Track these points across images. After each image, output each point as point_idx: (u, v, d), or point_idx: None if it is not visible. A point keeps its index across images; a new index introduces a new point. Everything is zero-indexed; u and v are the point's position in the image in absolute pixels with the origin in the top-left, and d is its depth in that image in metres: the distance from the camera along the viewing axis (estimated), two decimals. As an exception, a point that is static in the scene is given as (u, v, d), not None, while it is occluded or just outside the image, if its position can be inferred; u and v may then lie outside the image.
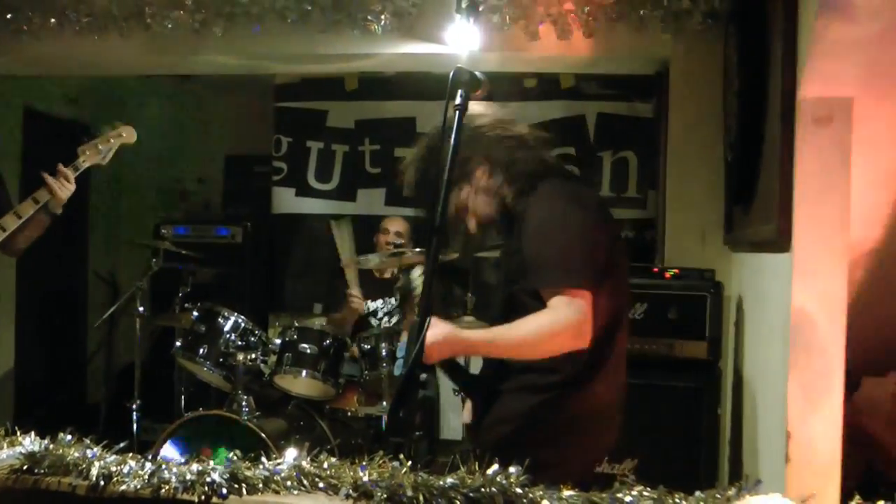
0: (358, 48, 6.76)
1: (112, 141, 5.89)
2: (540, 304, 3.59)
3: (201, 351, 6.36)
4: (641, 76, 7.41)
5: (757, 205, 4.85)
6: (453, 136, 3.42)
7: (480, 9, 6.03)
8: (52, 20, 6.74)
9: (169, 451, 5.84)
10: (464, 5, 5.87)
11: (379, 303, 7.44)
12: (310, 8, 6.50)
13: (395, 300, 7.13)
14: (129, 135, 5.96)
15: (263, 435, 5.78)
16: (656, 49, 6.48)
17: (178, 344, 6.53)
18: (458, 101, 3.48)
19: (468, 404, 4.16)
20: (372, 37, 6.52)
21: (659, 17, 6.17)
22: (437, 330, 3.51)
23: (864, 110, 3.84)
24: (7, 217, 5.60)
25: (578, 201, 3.79)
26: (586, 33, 6.27)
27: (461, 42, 6.35)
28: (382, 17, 6.39)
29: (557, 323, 3.51)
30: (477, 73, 3.54)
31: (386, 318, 7.34)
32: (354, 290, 7.33)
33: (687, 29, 6.17)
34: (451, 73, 3.49)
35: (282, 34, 6.72)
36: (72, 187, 5.73)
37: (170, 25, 6.62)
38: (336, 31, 6.58)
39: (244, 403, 6.08)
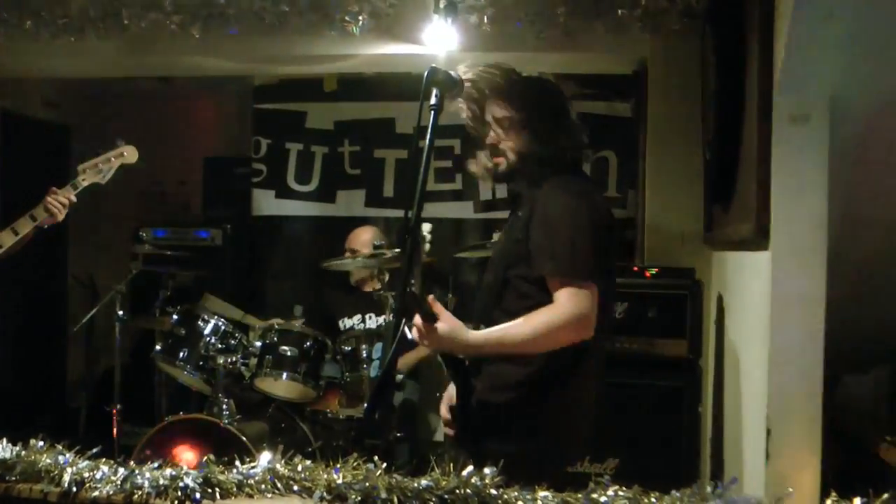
0: (336, 49, 6.75)
1: (113, 160, 5.85)
2: (538, 291, 3.68)
3: (181, 354, 6.34)
4: (620, 75, 7.40)
5: (735, 204, 4.85)
6: (429, 135, 3.42)
7: (458, 9, 6.01)
8: (28, 22, 6.69)
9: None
10: (442, 5, 5.85)
11: (356, 319, 7.39)
12: (287, 9, 6.47)
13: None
14: (130, 154, 5.92)
15: (244, 438, 5.77)
16: (634, 48, 6.49)
17: (157, 347, 6.49)
18: (433, 100, 3.48)
19: (447, 393, 4.15)
20: (350, 38, 6.50)
21: (637, 17, 6.16)
22: (446, 327, 3.56)
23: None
24: (4, 233, 5.57)
25: (592, 197, 3.87)
26: (564, 33, 6.26)
27: (439, 42, 6.35)
28: (360, 17, 6.36)
29: (565, 316, 3.57)
30: (452, 72, 3.55)
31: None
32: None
33: (665, 28, 6.16)
34: (426, 73, 3.48)
35: (259, 36, 6.69)
36: (66, 211, 5.71)
37: (146, 26, 6.59)
38: (314, 33, 6.56)
39: (225, 406, 6.06)
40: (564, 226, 3.67)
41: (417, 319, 3.59)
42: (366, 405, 5.94)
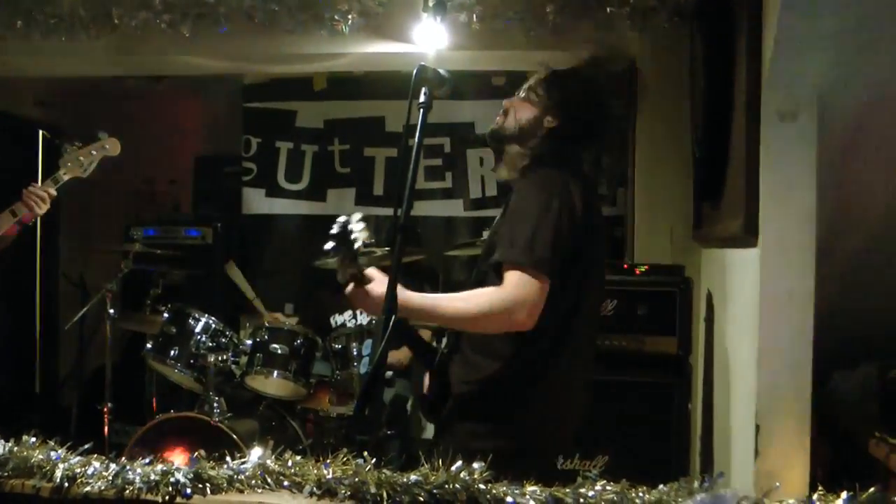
0: (326, 48, 6.75)
1: (95, 153, 5.81)
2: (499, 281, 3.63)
3: (172, 353, 6.34)
4: (609, 74, 7.41)
5: (725, 201, 4.86)
6: (418, 133, 3.43)
7: (447, 7, 6.01)
8: (19, 21, 6.69)
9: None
10: (431, 4, 5.86)
11: (347, 315, 7.40)
12: (277, 8, 6.47)
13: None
14: (112, 146, 5.89)
15: (235, 436, 5.78)
16: (623, 47, 6.48)
17: (148, 346, 6.47)
18: (422, 98, 3.49)
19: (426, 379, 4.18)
20: (339, 36, 6.50)
21: (626, 15, 6.16)
22: (378, 285, 3.57)
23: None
24: None
25: (567, 194, 3.76)
26: (553, 31, 6.26)
27: (429, 41, 6.36)
28: (350, 16, 6.37)
29: (505, 299, 3.54)
30: (441, 70, 3.55)
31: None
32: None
33: (654, 26, 6.17)
34: (415, 71, 3.50)
35: (249, 35, 6.69)
36: (47, 205, 5.68)
37: (136, 25, 6.59)
38: (303, 31, 6.56)
39: (215, 405, 6.06)
40: (528, 216, 3.63)
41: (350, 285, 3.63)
42: (356, 401, 5.95)
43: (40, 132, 9.26)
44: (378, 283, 3.59)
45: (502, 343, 3.74)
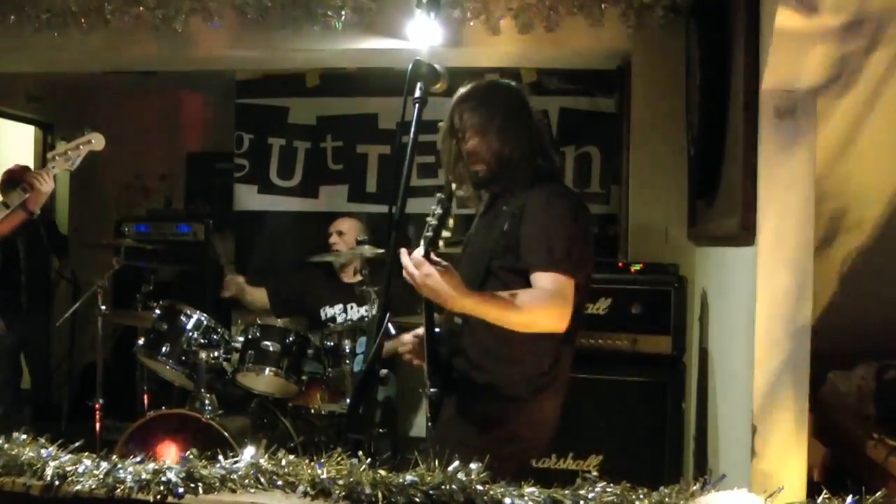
0: (318, 44, 6.72)
1: (81, 148, 5.79)
2: (521, 282, 3.75)
3: (163, 349, 6.32)
4: (603, 71, 7.38)
5: (720, 199, 4.84)
6: (413, 129, 3.41)
7: (441, 3, 5.99)
8: (12, 17, 6.66)
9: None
10: (424, 0, 5.84)
11: (338, 308, 7.36)
12: (270, 4, 6.45)
13: (366, 298, 6.98)
14: (97, 142, 5.86)
15: (226, 433, 5.75)
16: (618, 43, 6.46)
17: (139, 342, 6.46)
18: (417, 94, 3.47)
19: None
20: (332, 32, 6.48)
21: (620, 12, 6.16)
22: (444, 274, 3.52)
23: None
24: None
25: (581, 203, 4.03)
26: (547, 28, 6.25)
27: (422, 37, 6.32)
28: (342, 12, 6.35)
29: (549, 299, 3.65)
30: (436, 66, 3.53)
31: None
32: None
33: (648, 23, 6.15)
34: (410, 67, 3.48)
35: (242, 30, 6.67)
36: (51, 182, 5.69)
37: (128, 21, 6.56)
38: (296, 27, 6.54)
39: (207, 401, 6.03)
40: (562, 225, 3.79)
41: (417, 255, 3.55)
42: (349, 400, 5.93)
43: (32, 128, 9.24)
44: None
45: (527, 343, 3.80)
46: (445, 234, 3.56)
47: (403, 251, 3.55)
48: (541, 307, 3.65)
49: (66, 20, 6.69)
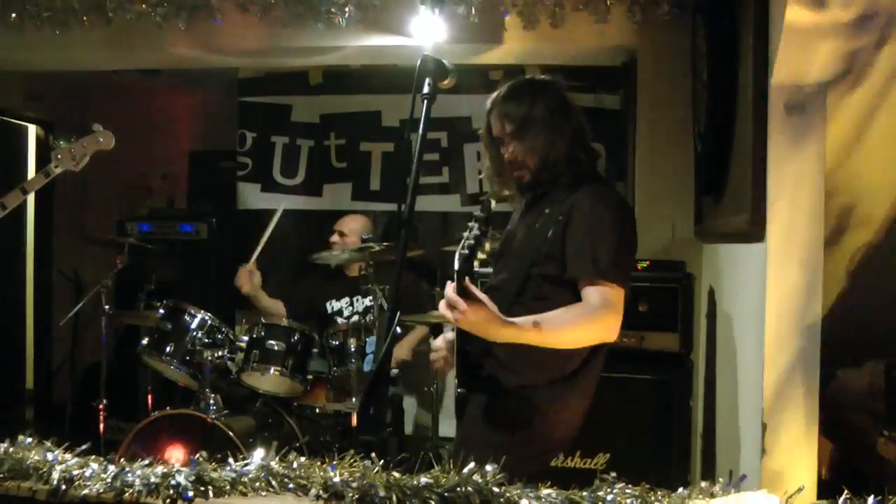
0: (322, 41, 6.69)
1: (88, 146, 5.71)
2: (557, 293, 3.73)
3: (167, 349, 6.29)
4: (608, 67, 7.35)
5: (728, 196, 4.82)
6: (422, 125, 3.38)
7: (445, 0, 5.97)
8: (13, 15, 6.64)
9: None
10: (429, -4, 5.83)
11: (345, 301, 7.35)
12: (273, 1, 6.43)
13: (368, 298, 6.96)
14: (106, 140, 5.75)
15: (231, 433, 5.73)
16: (623, 40, 6.44)
17: (143, 342, 6.42)
18: (425, 90, 3.44)
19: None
20: (336, 30, 6.45)
21: (625, 8, 6.15)
22: (484, 310, 3.36)
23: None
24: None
25: (626, 205, 4.01)
26: (552, 24, 6.22)
27: (426, 34, 6.31)
28: (346, 9, 6.31)
29: (603, 314, 3.61)
30: (445, 60, 3.50)
31: (356, 318, 7.22)
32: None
33: (654, 19, 6.13)
34: (418, 62, 3.44)
35: (245, 28, 6.65)
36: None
37: (130, 18, 6.53)
38: (299, 25, 6.51)
39: (211, 402, 6.01)
40: (610, 232, 3.71)
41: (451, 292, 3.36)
42: (360, 400, 5.90)
43: (32, 127, 9.21)
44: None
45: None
46: (481, 255, 3.53)
47: (449, 285, 3.42)
48: (588, 324, 3.61)
49: (67, 18, 6.67)
